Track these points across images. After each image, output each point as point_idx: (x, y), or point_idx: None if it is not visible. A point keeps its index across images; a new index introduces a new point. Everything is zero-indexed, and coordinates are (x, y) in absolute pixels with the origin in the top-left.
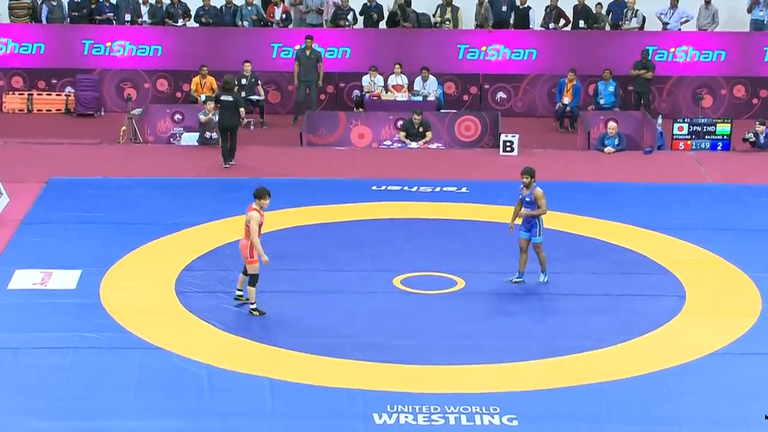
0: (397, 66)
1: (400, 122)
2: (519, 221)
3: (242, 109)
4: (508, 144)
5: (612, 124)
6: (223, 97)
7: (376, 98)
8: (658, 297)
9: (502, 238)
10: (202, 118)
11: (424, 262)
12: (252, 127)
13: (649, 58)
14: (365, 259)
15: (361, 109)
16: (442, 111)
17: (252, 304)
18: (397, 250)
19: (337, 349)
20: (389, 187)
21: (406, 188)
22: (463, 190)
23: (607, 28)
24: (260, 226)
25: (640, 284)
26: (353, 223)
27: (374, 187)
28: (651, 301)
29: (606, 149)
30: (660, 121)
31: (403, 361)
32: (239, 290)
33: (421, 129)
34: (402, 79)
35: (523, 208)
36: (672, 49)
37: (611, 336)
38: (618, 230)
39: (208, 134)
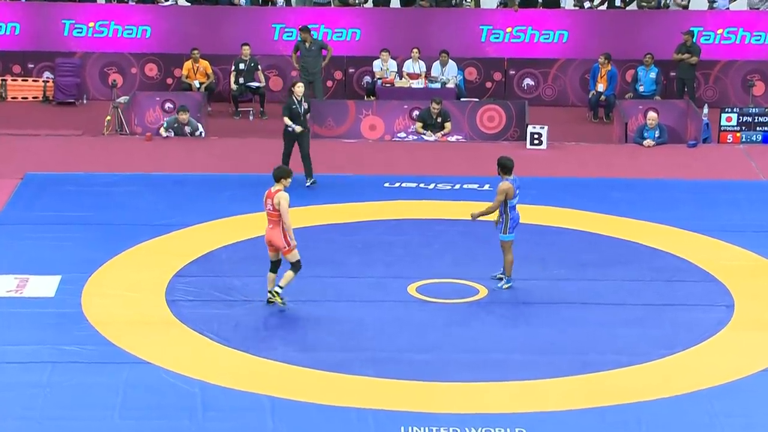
0: (414, 51)
1: (416, 112)
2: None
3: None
4: (536, 136)
5: (652, 115)
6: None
7: (389, 85)
8: (703, 307)
9: (529, 240)
10: (163, 133)
11: (442, 268)
12: (251, 117)
13: (694, 40)
14: (377, 264)
15: (372, 98)
16: (462, 99)
17: (280, 287)
18: (412, 255)
19: (346, 364)
20: (403, 184)
21: (422, 185)
22: (486, 187)
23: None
24: None
25: (683, 293)
26: (363, 224)
27: (387, 184)
28: (695, 311)
29: (645, 142)
30: (706, 110)
31: (418, 378)
32: (270, 291)
33: (439, 119)
34: (420, 67)
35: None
36: (720, 31)
37: (650, 350)
38: (659, 232)
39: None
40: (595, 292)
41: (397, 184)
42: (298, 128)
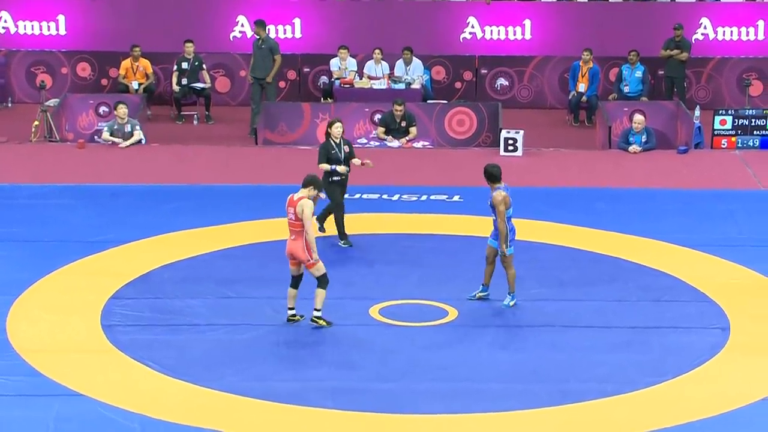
0: (377, 52)
1: (378, 116)
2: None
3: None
4: (510, 142)
5: (639, 117)
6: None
7: (347, 86)
8: (695, 330)
9: None
10: (106, 135)
11: (408, 288)
12: (196, 122)
13: (684, 35)
14: (335, 284)
15: (329, 100)
16: (429, 102)
17: (317, 310)
18: (374, 274)
19: (301, 395)
20: (364, 196)
21: (385, 197)
22: (456, 198)
23: None
24: None
25: (673, 314)
26: (319, 240)
27: (346, 196)
28: (687, 335)
29: (631, 148)
30: (697, 113)
31: (383, 410)
32: (291, 308)
33: (403, 124)
34: (383, 69)
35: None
36: (712, 25)
37: (637, 378)
38: (646, 247)
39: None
40: (577, 314)
41: (357, 195)
42: (342, 169)
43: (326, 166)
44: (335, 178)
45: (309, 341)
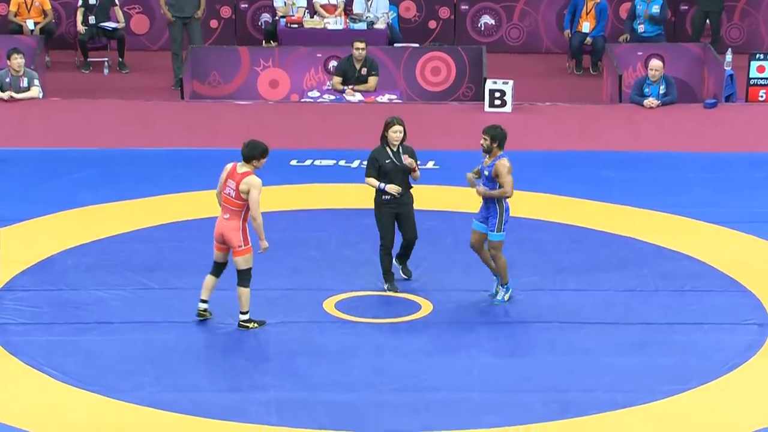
0: None
1: (334, 62)
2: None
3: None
4: (497, 95)
5: (656, 63)
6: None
7: (295, 26)
8: (726, 327)
9: None
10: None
11: (371, 276)
12: (107, 70)
13: None
14: (281, 271)
15: (273, 43)
16: (396, 45)
17: (244, 314)
18: (329, 258)
19: (240, 408)
20: (317, 162)
21: (342, 163)
22: (430, 165)
23: None
24: None
25: (699, 307)
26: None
27: (294, 162)
28: (716, 332)
29: (647, 102)
30: (729, 58)
31: (339, 426)
32: (204, 301)
33: (363, 71)
34: None
35: (481, 185)
36: None
37: (655, 386)
38: (666, 225)
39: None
40: (580, 308)
41: (309, 162)
42: (393, 188)
43: (373, 182)
44: (386, 197)
45: (248, 342)
